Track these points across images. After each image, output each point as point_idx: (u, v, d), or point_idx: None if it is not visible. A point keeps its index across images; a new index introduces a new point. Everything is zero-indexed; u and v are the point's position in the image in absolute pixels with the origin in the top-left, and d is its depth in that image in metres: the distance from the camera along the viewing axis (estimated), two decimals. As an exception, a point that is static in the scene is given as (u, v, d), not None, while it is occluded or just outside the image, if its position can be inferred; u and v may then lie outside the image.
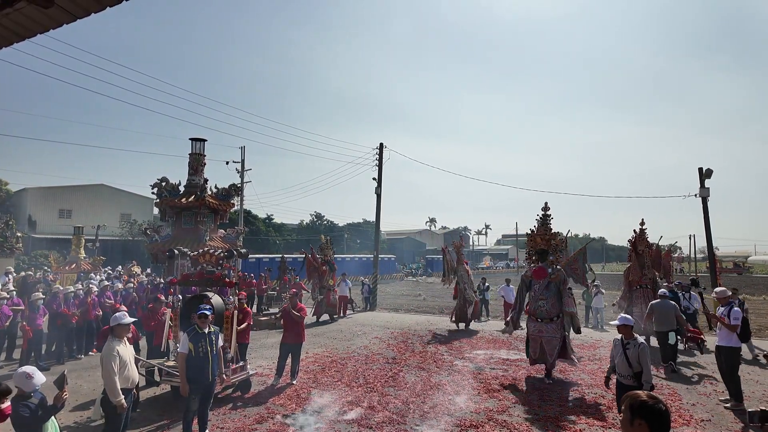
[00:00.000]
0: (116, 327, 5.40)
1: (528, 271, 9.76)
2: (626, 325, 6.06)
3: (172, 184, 15.61)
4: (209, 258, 8.06)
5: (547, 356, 9.03)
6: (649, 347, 5.76)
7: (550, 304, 9.13)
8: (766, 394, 8.11)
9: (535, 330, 9.19)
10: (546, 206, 9.92)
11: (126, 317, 5.51)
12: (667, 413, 2.25)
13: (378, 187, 23.80)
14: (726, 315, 7.49)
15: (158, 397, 8.12)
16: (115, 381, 5.12)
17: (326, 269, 17.67)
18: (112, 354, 5.21)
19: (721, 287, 8.41)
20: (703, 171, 17.64)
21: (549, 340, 9.01)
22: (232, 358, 7.77)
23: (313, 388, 8.46)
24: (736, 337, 7.50)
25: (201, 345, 5.94)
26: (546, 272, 9.34)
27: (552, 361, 9.06)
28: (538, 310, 9.19)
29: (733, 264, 60.69)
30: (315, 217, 69.98)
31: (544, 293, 9.22)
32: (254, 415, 7.06)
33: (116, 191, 48.62)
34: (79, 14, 3.63)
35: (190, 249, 9.36)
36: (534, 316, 9.26)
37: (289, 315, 9.02)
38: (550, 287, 9.22)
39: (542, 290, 9.25)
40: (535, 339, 9.15)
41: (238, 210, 29.41)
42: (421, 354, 11.43)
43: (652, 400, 2.27)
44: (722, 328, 7.53)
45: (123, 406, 5.16)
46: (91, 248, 30.42)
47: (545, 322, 9.08)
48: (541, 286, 9.29)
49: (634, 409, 2.28)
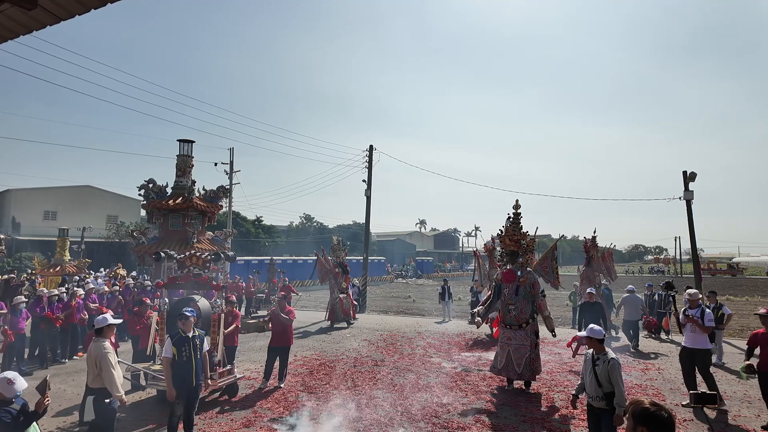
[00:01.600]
0: (105, 328, 5.48)
1: (498, 275, 9.17)
2: (592, 338, 5.30)
3: (160, 185, 15.53)
4: (196, 261, 8.00)
5: (514, 366, 8.39)
6: (620, 364, 5.14)
7: (519, 309, 8.53)
8: (748, 394, 8.26)
9: (503, 337, 8.66)
10: (517, 204, 9.30)
11: (110, 318, 5.55)
12: (670, 420, 2.21)
13: (368, 189, 23.82)
14: (700, 317, 7.63)
15: (143, 402, 8.04)
16: (114, 376, 5.24)
17: (339, 271, 17.14)
18: (107, 351, 5.29)
19: (693, 289, 8.55)
20: (687, 174, 17.94)
21: (517, 348, 8.41)
22: (219, 361, 7.72)
23: (300, 391, 8.44)
24: (707, 338, 7.69)
25: (185, 349, 5.91)
26: (515, 275, 8.71)
27: (520, 371, 8.34)
28: (507, 316, 8.63)
29: (728, 266, 61.10)
30: (305, 219, 69.74)
31: (513, 298, 8.64)
32: (241, 419, 7.03)
33: (103, 193, 48.04)
34: (63, 16, 3.61)
35: (178, 251, 9.30)
36: (503, 323, 8.70)
37: (277, 318, 8.99)
38: (519, 291, 8.65)
39: (511, 294, 8.68)
40: (503, 347, 8.59)
41: (226, 212, 29.19)
42: (410, 356, 11.45)
43: (654, 407, 2.26)
44: (695, 330, 7.63)
45: (124, 401, 5.31)
46: (76, 250, 30.00)
47: (514, 328, 8.52)
48: (510, 290, 8.71)
49: (636, 416, 2.28)
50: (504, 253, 9.25)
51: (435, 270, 60.55)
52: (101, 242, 39.98)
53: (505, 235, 9.17)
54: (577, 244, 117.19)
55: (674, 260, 68.90)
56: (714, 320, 8.03)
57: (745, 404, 7.80)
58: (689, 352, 7.70)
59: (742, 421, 6.97)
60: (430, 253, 77.72)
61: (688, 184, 17.87)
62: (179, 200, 14.60)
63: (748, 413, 7.34)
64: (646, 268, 73.92)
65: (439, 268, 64.56)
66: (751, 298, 27.69)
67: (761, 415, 7.13)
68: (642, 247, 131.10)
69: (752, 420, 7.02)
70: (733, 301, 25.86)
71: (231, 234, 18.63)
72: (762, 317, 6.88)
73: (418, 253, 72.16)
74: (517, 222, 9.21)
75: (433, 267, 62.20)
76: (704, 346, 7.62)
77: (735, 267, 59.25)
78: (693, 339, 7.68)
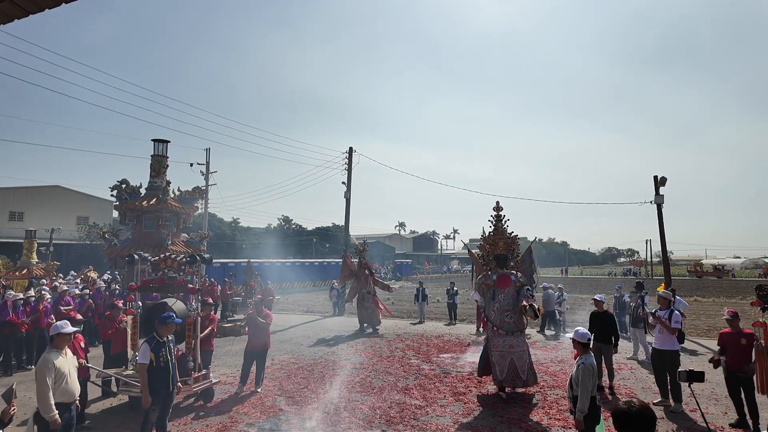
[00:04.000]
0: (56, 337, 5.09)
1: (488, 279, 8.58)
2: (575, 340, 5.30)
3: (133, 186, 15.17)
4: (171, 263, 7.83)
5: (519, 374, 8.00)
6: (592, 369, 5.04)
7: (517, 315, 8.24)
8: (715, 392, 8.53)
9: (504, 346, 8.13)
10: (498, 206, 9.00)
11: (67, 326, 5.22)
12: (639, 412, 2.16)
13: (347, 191, 23.75)
14: (667, 318, 7.70)
15: (114, 409, 7.80)
16: (48, 396, 4.80)
17: (367, 273, 16.74)
18: (47, 367, 4.88)
19: (664, 290, 8.65)
20: (657, 179, 18.46)
21: (520, 356, 8.06)
22: (193, 366, 7.56)
23: (278, 395, 8.33)
24: (676, 339, 7.79)
25: (162, 354, 5.75)
26: (511, 280, 8.37)
27: (525, 378, 8.04)
28: (505, 323, 8.20)
29: (713, 268, 61.83)
30: (283, 220, 69.10)
31: (510, 304, 8.27)
32: (217, 425, 6.89)
33: (73, 193, 46.61)
34: (32, 9, 3.48)
35: (151, 253, 9.08)
36: (501, 329, 8.22)
37: (254, 321, 8.86)
38: (515, 296, 8.32)
39: (508, 300, 8.30)
40: (505, 356, 8.06)
41: (202, 213, 28.66)
42: (389, 358, 11.44)
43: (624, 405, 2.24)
44: (663, 331, 7.68)
45: (56, 423, 4.84)
46: (44, 253, 29.00)
47: (515, 335, 8.16)
48: (507, 296, 8.31)
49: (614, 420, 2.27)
50: (490, 258, 8.81)
51: (414, 272, 60.82)
52: (71, 244, 38.78)
53: (496, 237, 8.84)
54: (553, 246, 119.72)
55: (645, 262, 70.81)
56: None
57: (713, 402, 8.06)
58: (659, 353, 7.79)
59: (710, 418, 7.18)
60: (409, 255, 77.99)
61: (658, 189, 18.39)
62: (153, 201, 14.28)
63: (716, 410, 7.58)
64: (619, 270, 75.83)
65: (418, 270, 64.85)
66: (717, 300, 28.68)
67: (728, 412, 7.36)
68: (615, 250, 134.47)
69: (720, 417, 7.26)
70: (700, 302, 26.76)
71: (207, 236, 18.31)
72: (727, 318, 7.14)
73: (397, 255, 72.31)
74: (501, 223, 8.97)
75: (412, 269, 62.46)
76: (672, 347, 7.68)
77: (721, 269, 60.09)
78: (661, 340, 7.74)
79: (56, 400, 4.91)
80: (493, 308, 8.43)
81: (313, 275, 40.02)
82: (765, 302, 5.46)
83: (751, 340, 6.62)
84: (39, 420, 4.91)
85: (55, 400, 4.91)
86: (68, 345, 5.37)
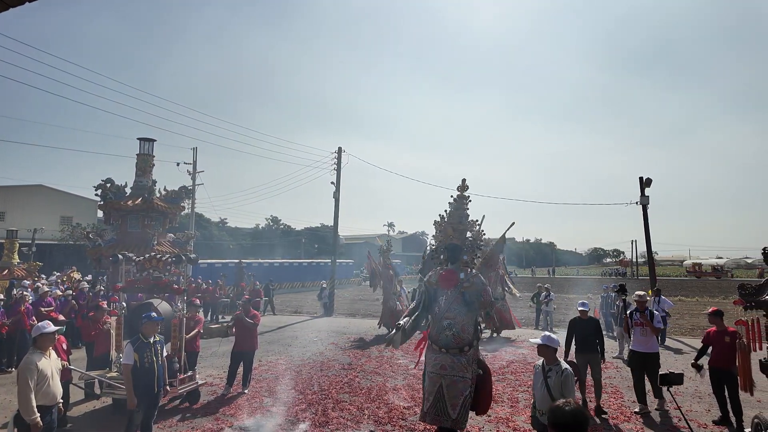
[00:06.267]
0: (38, 337, 4.98)
1: (432, 276, 6.22)
2: (548, 345, 4.89)
3: (118, 185, 14.92)
4: (156, 263, 7.72)
5: (447, 408, 5.48)
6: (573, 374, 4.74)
7: (460, 326, 5.70)
8: (698, 390, 8.66)
9: (435, 366, 5.63)
10: (464, 185, 6.56)
11: (49, 326, 5.12)
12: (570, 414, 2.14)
13: (336, 191, 23.68)
14: (649, 318, 7.59)
15: (97, 411, 7.66)
16: (29, 398, 4.70)
17: (392, 273, 16.47)
18: (29, 368, 4.78)
19: (641, 291, 8.43)
20: (643, 180, 18.70)
21: (453, 383, 5.49)
22: (179, 367, 7.46)
23: (265, 396, 8.26)
24: (656, 341, 7.75)
25: (146, 355, 5.67)
26: (458, 278, 5.97)
27: (455, 416, 5.46)
28: (442, 335, 5.69)
29: (712, 268, 61.82)
30: (271, 221, 68.75)
31: (452, 309, 5.77)
32: (203, 426, 6.80)
33: (56, 192, 45.81)
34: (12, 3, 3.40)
35: (137, 253, 8.93)
36: (436, 344, 5.74)
37: (241, 322, 8.77)
38: (461, 301, 5.83)
39: (450, 305, 5.80)
40: (433, 379, 5.60)
41: (188, 213, 28.35)
42: (377, 359, 11.41)
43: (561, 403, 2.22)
44: (645, 333, 7.54)
45: (38, 425, 4.74)
46: (26, 253, 28.45)
47: (452, 353, 5.59)
48: (449, 299, 5.84)
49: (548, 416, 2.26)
50: (441, 249, 6.42)
51: (403, 272, 60.83)
52: (54, 244, 38.11)
53: (448, 222, 6.43)
54: (540, 247, 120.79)
55: (631, 263, 71.75)
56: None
57: (696, 399, 8.18)
58: (641, 356, 7.50)
59: (693, 416, 7.28)
60: (399, 255, 78.04)
61: (644, 190, 18.62)
62: (139, 201, 14.08)
63: (699, 408, 7.69)
64: (607, 270, 76.72)
65: (407, 270, 64.90)
66: (701, 299, 29.17)
67: (711, 410, 7.48)
68: (601, 250, 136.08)
69: (703, 414, 7.36)
70: (684, 302, 27.20)
71: (193, 236, 18.09)
72: (710, 316, 7.26)
73: (386, 255, 72.13)
74: (462, 206, 6.49)
75: (402, 269, 62.48)
76: (655, 350, 7.59)
77: (720, 270, 60.34)
78: (644, 343, 7.51)
79: (38, 403, 4.81)
80: (431, 313, 6.02)
81: (302, 276, 39.85)
82: (747, 301, 5.55)
83: (734, 338, 6.73)
84: (19, 422, 4.80)
85: (37, 403, 4.81)
86: (52, 346, 5.28)
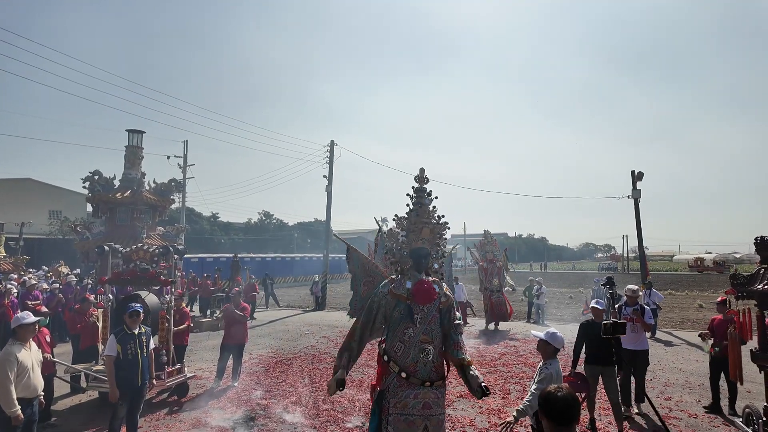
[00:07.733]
0: (17, 328, 4.87)
1: (400, 287, 4.27)
2: (548, 342, 4.52)
3: (106, 178, 14.64)
4: (143, 255, 7.58)
5: None
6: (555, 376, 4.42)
7: (437, 351, 4.18)
8: (689, 381, 8.71)
9: (414, 405, 4.00)
10: (422, 175, 4.81)
11: (29, 317, 5.00)
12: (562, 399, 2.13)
13: (329, 185, 23.55)
14: (641, 314, 7.33)
15: (83, 405, 7.54)
16: (9, 390, 4.59)
17: None
18: (9, 360, 4.67)
19: (634, 285, 8.01)
20: (635, 174, 18.76)
21: (439, 425, 4.08)
22: (167, 360, 7.35)
23: (255, 389, 8.17)
24: (646, 337, 7.47)
25: (130, 347, 5.55)
26: (434, 291, 4.27)
27: None
28: (420, 363, 4.07)
29: (714, 263, 61.74)
30: (263, 215, 68.34)
31: (430, 331, 4.16)
32: (191, 420, 6.70)
33: (44, 186, 45.19)
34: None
35: (125, 246, 8.78)
36: (414, 377, 4.04)
37: (231, 315, 8.67)
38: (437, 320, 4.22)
39: (426, 324, 4.16)
40: (414, 423, 3.97)
41: (179, 207, 28.07)
42: (369, 352, 11.34)
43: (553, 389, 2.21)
44: (636, 329, 7.20)
45: (19, 418, 4.63)
46: (13, 247, 28.03)
47: (436, 385, 4.09)
48: (426, 317, 4.18)
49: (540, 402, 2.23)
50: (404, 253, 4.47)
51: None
52: (42, 239, 37.60)
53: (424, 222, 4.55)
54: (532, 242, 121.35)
55: (622, 257, 72.39)
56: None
57: (687, 390, 8.22)
58: (629, 353, 7.07)
59: (684, 406, 7.31)
60: (391, 251, 77.88)
61: (635, 183, 18.69)
62: (128, 193, 13.85)
63: (689, 399, 7.73)
64: (603, 265, 77.31)
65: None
66: (690, 293, 29.45)
67: (701, 400, 7.52)
68: (592, 245, 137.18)
69: (693, 405, 7.39)
70: (674, 295, 27.44)
71: (183, 229, 17.89)
72: (718, 305, 7.38)
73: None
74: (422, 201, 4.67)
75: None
76: (644, 347, 7.33)
77: (722, 264, 60.30)
78: (634, 339, 7.12)
79: (18, 395, 4.70)
80: (400, 337, 4.17)
81: (295, 270, 39.70)
82: (739, 291, 5.54)
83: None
84: None
85: (17, 395, 4.69)
86: (32, 338, 5.16)
